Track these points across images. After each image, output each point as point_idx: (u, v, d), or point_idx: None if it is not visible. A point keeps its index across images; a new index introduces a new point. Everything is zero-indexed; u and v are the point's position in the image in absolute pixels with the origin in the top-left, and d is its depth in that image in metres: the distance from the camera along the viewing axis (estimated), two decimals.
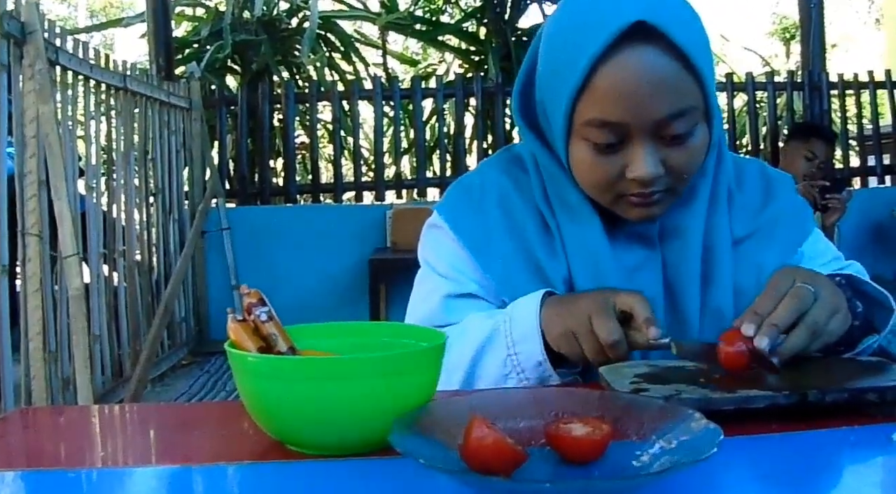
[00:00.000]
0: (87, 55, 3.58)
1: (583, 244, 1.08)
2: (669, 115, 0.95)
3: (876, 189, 5.70)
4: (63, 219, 2.87)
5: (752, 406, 0.81)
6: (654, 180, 0.98)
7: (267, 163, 5.54)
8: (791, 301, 0.90)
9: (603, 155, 0.99)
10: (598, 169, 1.00)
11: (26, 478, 0.74)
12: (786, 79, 5.81)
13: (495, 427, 0.67)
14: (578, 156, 1.02)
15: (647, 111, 0.95)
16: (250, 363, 0.75)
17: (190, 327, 4.80)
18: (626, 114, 0.95)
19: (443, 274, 1.16)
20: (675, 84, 0.95)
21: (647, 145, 0.97)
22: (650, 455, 0.68)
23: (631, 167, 0.98)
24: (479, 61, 6.42)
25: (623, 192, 1.01)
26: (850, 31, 16.51)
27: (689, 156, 1.00)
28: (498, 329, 1.04)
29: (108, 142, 3.95)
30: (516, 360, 1.02)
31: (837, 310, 0.92)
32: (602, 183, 1.02)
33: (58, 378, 3.08)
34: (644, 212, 1.03)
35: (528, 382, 1.02)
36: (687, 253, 1.08)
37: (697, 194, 1.09)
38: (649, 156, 0.97)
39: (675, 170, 0.99)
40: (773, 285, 0.94)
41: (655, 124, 0.96)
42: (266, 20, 6.43)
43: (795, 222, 1.17)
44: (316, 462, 0.74)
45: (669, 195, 1.03)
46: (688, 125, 0.97)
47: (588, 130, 0.98)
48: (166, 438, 0.88)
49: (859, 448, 0.77)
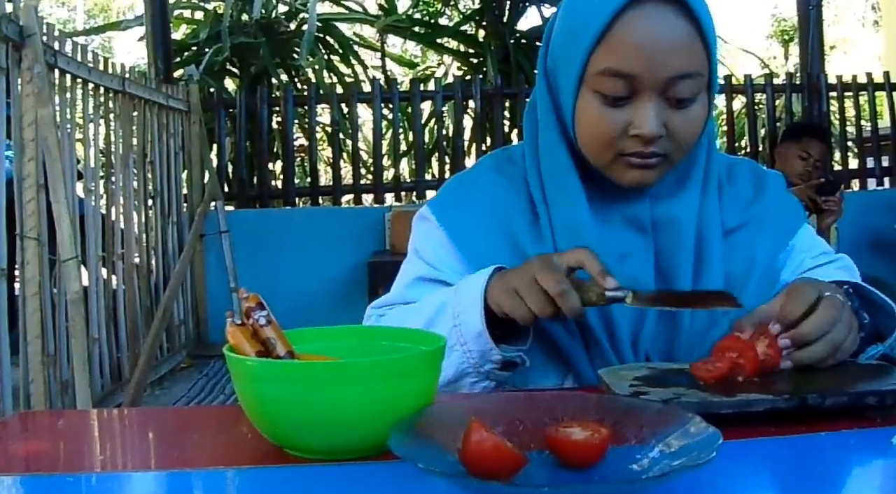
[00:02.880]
0: (86, 58, 3.58)
1: (571, 229, 1.09)
2: (679, 75, 0.99)
3: (874, 191, 5.71)
4: (62, 222, 2.87)
5: (751, 409, 0.80)
6: (655, 139, 1.01)
7: (265, 166, 5.54)
8: (825, 314, 0.92)
9: (610, 108, 1.02)
10: (604, 122, 1.03)
11: (25, 483, 0.74)
12: (784, 81, 5.82)
13: (494, 431, 0.66)
14: (586, 108, 1.04)
15: (659, 66, 0.99)
16: (249, 367, 0.75)
17: (189, 330, 4.79)
18: (639, 66, 0.99)
19: (427, 261, 1.18)
20: (687, 46, 1.00)
21: (654, 103, 1.00)
22: (649, 459, 0.68)
23: (635, 122, 1.01)
24: (477, 64, 6.43)
25: (623, 151, 1.04)
26: (849, 33, 16.52)
27: (690, 124, 1.03)
28: (446, 301, 1.05)
29: (106, 145, 3.95)
30: (459, 332, 1.01)
31: (853, 328, 0.94)
32: (605, 138, 1.04)
33: (56, 381, 3.07)
34: (639, 175, 1.05)
35: (470, 355, 1.01)
36: (680, 242, 1.09)
37: (689, 183, 1.11)
38: (654, 113, 1.00)
39: (676, 135, 1.02)
40: (800, 291, 0.94)
41: (664, 82, 0.99)
42: (265, 23, 6.43)
43: (786, 216, 1.19)
44: (315, 466, 0.74)
45: (665, 162, 1.05)
46: (693, 90, 1.01)
47: (600, 80, 1.02)
48: (165, 442, 0.88)
49: (859, 452, 0.76)
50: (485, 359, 1.01)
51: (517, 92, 5.53)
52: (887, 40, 7.17)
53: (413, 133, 5.72)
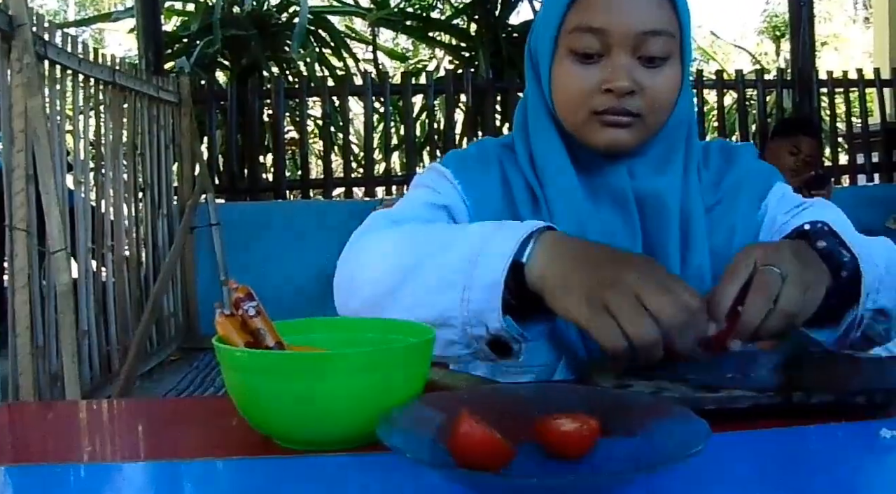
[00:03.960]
0: (76, 49, 3.56)
1: (567, 207, 1.11)
2: (649, 30, 1.04)
3: (864, 187, 5.73)
4: (51, 213, 2.86)
5: (735, 406, 0.80)
6: (627, 94, 1.04)
7: (256, 159, 5.53)
8: (757, 294, 0.84)
9: (583, 66, 1.06)
10: (578, 79, 1.07)
11: (13, 473, 0.73)
12: (775, 76, 5.83)
13: (483, 423, 0.67)
14: (561, 70, 1.09)
15: (629, 21, 1.03)
16: (238, 358, 0.75)
17: (179, 323, 4.79)
18: (609, 21, 1.04)
19: (436, 190, 1.16)
20: (656, 5, 1.05)
21: (625, 59, 1.04)
22: (637, 451, 0.68)
23: (607, 77, 1.05)
24: (469, 58, 6.42)
25: (596, 108, 1.06)
26: (840, 29, 16.56)
27: (663, 84, 1.06)
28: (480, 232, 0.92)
29: (96, 137, 3.94)
30: (470, 270, 0.88)
31: (809, 285, 0.86)
32: (580, 95, 1.07)
33: (45, 373, 3.07)
34: (612, 134, 1.07)
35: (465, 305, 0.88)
36: (667, 218, 1.10)
37: (671, 164, 1.13)
38: (625, 68, 1.04)
39: (648, 94, 1.05)
40: (732, 271, 0.87)
41: (634, 37, 1.04)
42: (256, 15, 6.41)
43: (757, 179, 1.19)
44: (304, 457, 0.74)
45: (640, 124, 1.07)
46: (664, 49, 1.05)
47: (573, 38, 1.06)
48: (155, 433, 0.88)
49: (847, 445, 0.77)
50: (479, 319, 0.88)
51: (509, 86, 5.53)
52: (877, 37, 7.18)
53: (404, 126, 5.72)
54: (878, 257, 0.97)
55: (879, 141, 5.80)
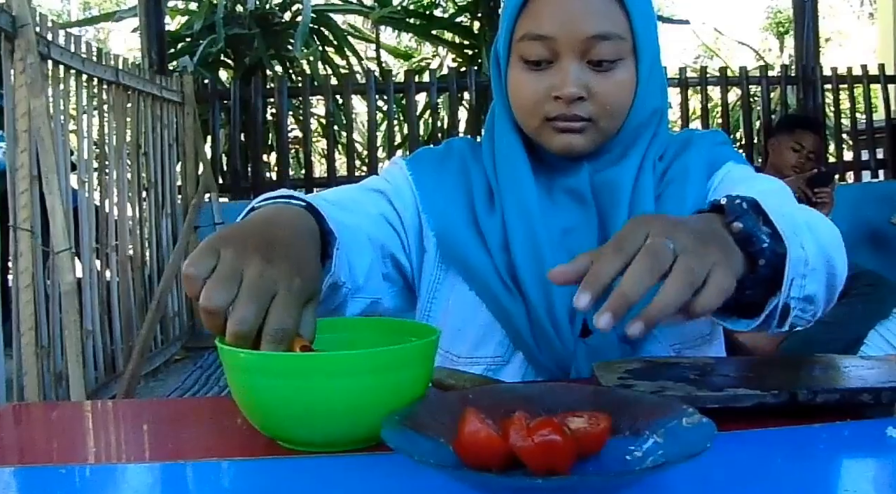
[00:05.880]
0: (79, 49, 3.56)
1: (518, 203, 1.11)
2: (595, 35, 1.04)
3: (869, 184, 5.72)
4: (55, 213, 2.86)
5: (739, 404, 0.80)
6: (575, 100, 1.05)
7: (260, 158, 5.53)
8: (642, 261, 0.70)
9: (533, 73, 1.07)
10: (528, 87, 1.08)
11: (18, 474, 0.73)
12: (780, 73, 5.82)
13: (488, 422, 0.66)
14: (514, 76, 1.10)
15: (575, 27, 1.04)
16: (241, 359, 0.74)
17: (183, 322, 4.79)
18: (555, 28, 1.04)
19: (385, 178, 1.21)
20: (603, 9, 1.05)
21: (573, 65, 1.05)
22: (643, 451, 0.68)
23: (556, 84, 1.05)
24: (472, 55, 6.43)
25: (548, 115, 1.07)
26: (844, 25, 16.53)
27: (614, 87, 1.06)
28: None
29: (100, 137, 3.94)
30: None
31: (717, 262, 0.72)
32: (531, 102, 1.08)
33: (50, 373, 3.07)
34: (566, 140, 1.07)
35: None
36: (617, 205, 1.10)
37: (628, 158, 1.12)
38: (573, 74, 1.04)
39: (599, 98, 1.05)
40: (616, 240, 0.74)
41: (582, 43, 1.04)
42: (259, 14, 6.42)
43: (712, 159, 1.16)
44: (308, 457, 0.74)
45: (593, 128, 1.07)
46: (613, 52, 1.05)
47: (523, 46, 1.07)
48: (159, 433, 0.88)
49: (853, 444, 0.76)
50: None
51: None
52: (882, 33, 7.17)
53: (408, 125, 5.71)
54: (806, 236, 0.84)
55: (884, 137, 5.79)
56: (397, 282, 1.18)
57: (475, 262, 1.11)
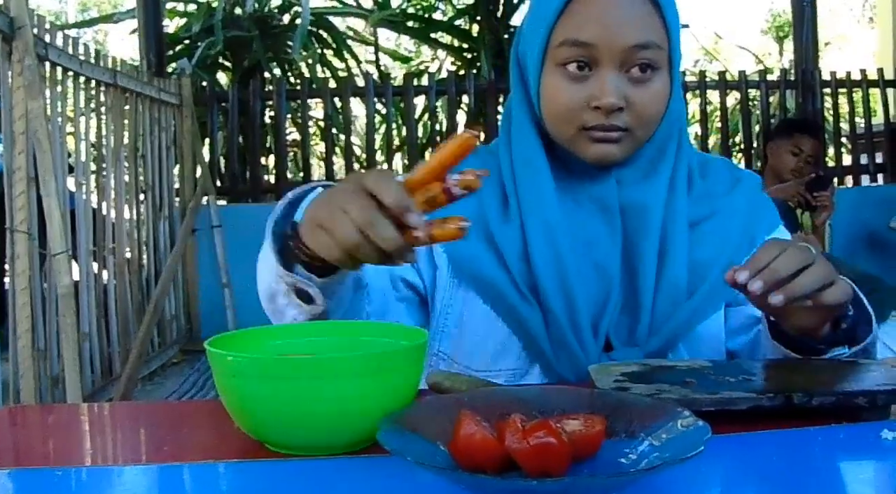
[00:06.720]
0: (77, 51, 3.56)
1: (538, 211, 1.10)
2: (636, 45, 1.03)
3: (868, 188, 5.72)
4: (52, 216, 2.86)
5: (734, 407, 0.80)
6: (615, 111, 1.03)
7: (258, 161, 5.53)
8: (793, 254, 0.87)
9: (571, 81, 1.05)
10: (566, 94, 1.05)
11: (15, 477, 0.73)
12: (779, 77, 5.82)
13: (484, 424, 0.66)
14: (549, 83, 1.07)
15: (616, 35, 1.02)
16: (228, 363, 0.74)
17: (180, 325, 4.78)
18: (597, 35, 1.03)
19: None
20: (644, 18, 1.04)
21: (614, 75, 1.03)
22: (638, 453, 0.68)
23: (595, 94, 1.03)
24: (471, 59, 6.41)
25: (585, 124, 1.05)
26: (844, 29, 16.54)
27: (651, 98, 1.05)
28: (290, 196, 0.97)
29: (98, 139, 3.94)
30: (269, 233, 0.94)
31: (837, 280, 0.89)
32: (568, 111, 1.06)
33: (47, 376, 3.06)
34: (602, 150, 1.06)
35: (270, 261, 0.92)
36: (647, 228, 1.09)
37: (658, 174, 1.12)
38: (613, 84, 1.03)
39: (636, 109, 1.04)
40: (769, 244, 0.90)
41: (622, 52, 1.03)
42: (258, 16, 6.41)
43: (760, 211, 1.19)
44: (305, 460, 0.74)
45: (628, 138, 1.06)
46: (652, 62, 1.04)
47: (561, 52, 1.05)
48: (156, 436, 0.88)
49: (849, 446, 0.77)
50: (276, 274, 0.92)
51: None
52: (881, 37, 7.17)
53: (406, 128, 5.71)
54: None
55: (883, 141, 5.79)
56: (413, 301, 1.17)
57: (488, 276, 1.10)
